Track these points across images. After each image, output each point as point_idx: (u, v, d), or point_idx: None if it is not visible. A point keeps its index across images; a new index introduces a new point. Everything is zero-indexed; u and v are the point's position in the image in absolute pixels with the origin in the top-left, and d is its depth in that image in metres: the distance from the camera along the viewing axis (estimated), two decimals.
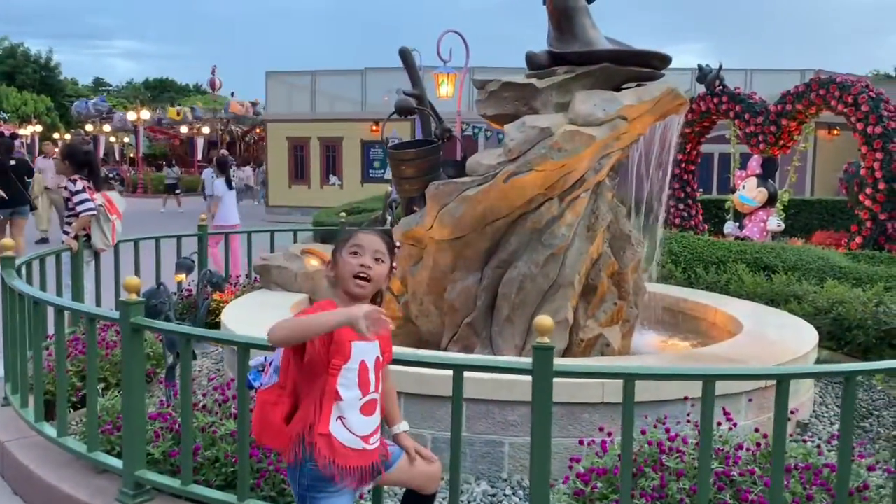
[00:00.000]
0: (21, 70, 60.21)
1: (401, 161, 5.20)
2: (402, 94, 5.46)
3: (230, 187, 10.36)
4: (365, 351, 2.31)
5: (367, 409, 2.33)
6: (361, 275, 2.32)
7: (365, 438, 2.32)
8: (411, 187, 5.32)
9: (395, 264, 2.55)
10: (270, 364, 2.41)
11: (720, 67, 11.57)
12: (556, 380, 2.56)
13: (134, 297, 3.10)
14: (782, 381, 2.57)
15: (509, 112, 5.13)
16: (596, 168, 4.87)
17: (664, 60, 5.12)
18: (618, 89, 4.99)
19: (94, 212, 6.14)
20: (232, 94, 42.73)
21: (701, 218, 12.27)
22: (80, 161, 6.38)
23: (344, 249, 2.38)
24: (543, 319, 2.57)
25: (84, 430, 3.69)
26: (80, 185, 6.15)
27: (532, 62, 5.29)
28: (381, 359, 2.38)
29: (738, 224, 11.06)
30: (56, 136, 53.01)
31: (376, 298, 2.46)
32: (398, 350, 2.63)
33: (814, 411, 4.85)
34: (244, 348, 2.83)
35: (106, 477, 3.43)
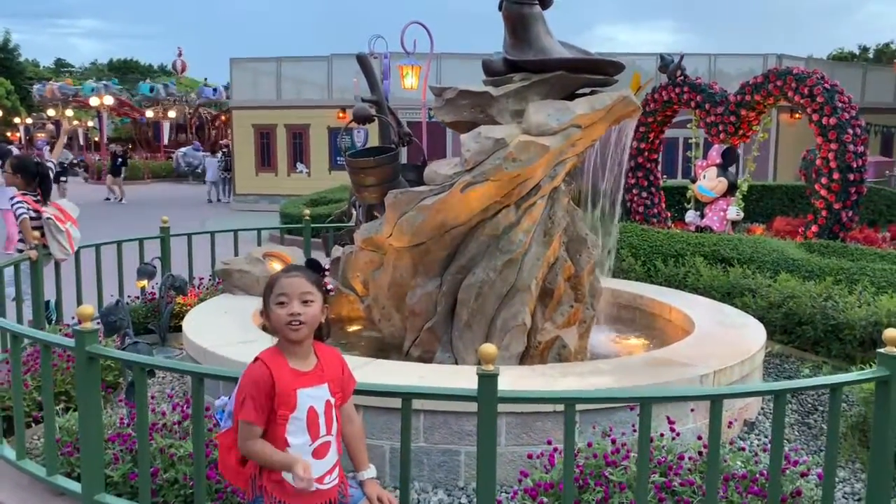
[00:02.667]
0: None
1: (360, 169, 5.24)
2: (361, 100, 5.49)
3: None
4: (313, 397, 2.38)
5: (319, 453, 2.40)
6: (293, 323, 2.36)
7: (318, 480, 2.39)
8: (371, 195, 5.37)
9: (332, 290, 2.60)
10: (227, 406, 2.48)
11: (681, 57, 11.70)
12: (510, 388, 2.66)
13: (88, 325, 3.13)
14: (715, 402, 2.69)
15: (466, 119, 5.19)
16: (551, 175, 4.96)
17: (617, 67, 5.20)
18: (573, 96, 5.08)
19: (27, 214, 6.20)
20: (205, 80, 42.10)
21: (664, 206, 12.44)
22: (31, 174, 6.39)
23: (271, 300, 2.39)
24: (487, 348, 2.67)
25: (43, 452, 3.72)
26: (11, 192, 6.28)
27: (488, 69, 5.35)
28: (331, 401, 2.44)
29: (699, 213, 11.25)
30: (17, 120, 51.90)
31: (324, 333, 2.52)
32: (359, 382, 2.70)
33: (762, 408, 5.03)
34: (198, 378, 2.89)
35: (66, 500, 3.48)
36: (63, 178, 21.27)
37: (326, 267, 2.32)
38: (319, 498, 2.41)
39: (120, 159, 25.44)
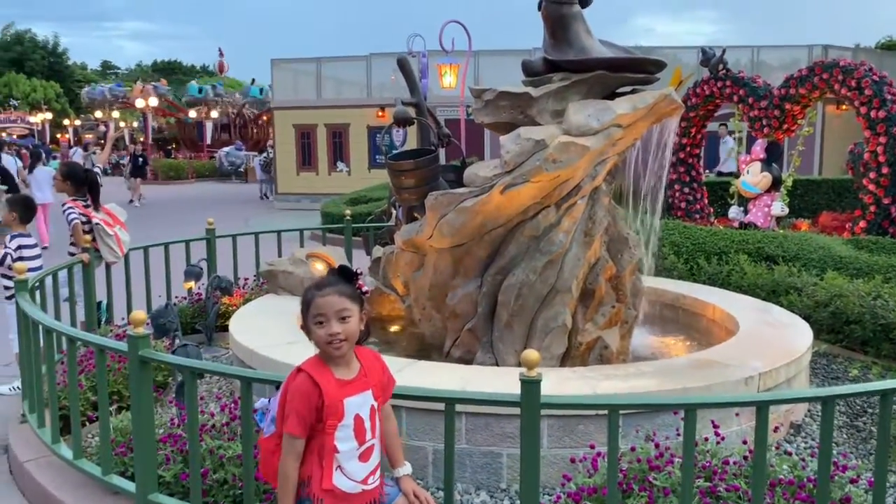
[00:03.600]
0: (29, 56, 60.43)
1: (400, 172, 5.29)
2: (400, 103, 5.53)
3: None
4: (358, 405, 2.43)
5: (364, 456, 2.47)
6: (333, 342, 2.40)
7: (363, 481, 2.46)
8: (411, 196, 5.42)
9: (367, 292, 2.61)
10: (269, 413, 2.54)
11: (724, 51, 11.51)
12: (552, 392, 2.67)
13: (141, 330, 3.23)
14: (762, 408, 2.67)
15: (506, 120, 5.19)
16: (592, 175, 4.94)
17: (659, 65, 5.15)
18: (614, 95, 5.05)
19: (78, 219, 6.32)
20: (252, 81, 42.67)
21: (706, 202, 12.28)
22: (79, 181, 6.55)
23: (309, 319, 2.43)
24: (530, 353, 2.68)
25: (100, 447, 3.84)
26: (67, 205, 6.40)
27: (528, 69, 5.35)
28: (375, 405, 2.49)
29: (742, 209, 11.08)
30: (66, 122, 53.37)
31: (361, 337, 2.54)
32: (402, 385, 2.74)
33: (809, 410, 4.95)
34: (247, 383, 2.97)
35: (121, 498, 3.59)
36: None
37: (359, 271, 2.33)
38: (364, 499, 2.48)
39: (141, 159, 24.95)
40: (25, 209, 5.98)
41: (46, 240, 13.74)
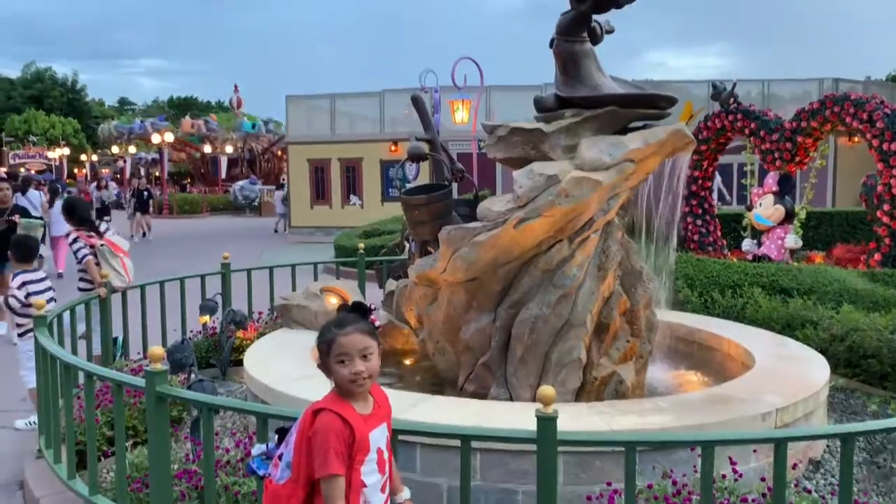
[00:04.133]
0: (49, 94, 61.56)
1: (413, 207, 5.34)
2: (414, 139, 5.60)
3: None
4: (378, 438, 2.45)
5: (384, 488, 2.50)
6: (357, 381, 2.40)
7: None
8: (424, 231, 5.46)
9: (379, 327, 2.59)
10: (280, 457, 2.52)
11: (734, 85, 11.59)
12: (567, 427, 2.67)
13: (158, 366, 3.26)
14: (780, 445, 2.65)
15: (518, 155, 5.25)
16: (605, 209, 4.97)
17: (670, 101, 5.20)
18: (625, 130, 5.09)
19: (90, 254, 6.48)
20: (245, 116, 43.19)
21: (719, 234, 12.26)
22: (81, 217, 6.79)
23: (330, 358, 2.41)
24: (546, 389, 2.68)
25: (114, 487, 3.85)
26: (72, 236, 6.58)
27: (540, 105, 5.41)
28: (388, 436, 2.52)
29: (756, 241, 11.05)
30: (83, 157, 54.15)
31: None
32: (413, 421, 2.75)
33: (828, 445, 4.88)
34: (263, 420, 2.97)
35: None
36: (106, 217, 19.57)
37: (372, 306, 2.32)
38: None
39: (146, 193, 24.12)
40: (21, 249, 6.06)
41: (63, 266, 14.48)
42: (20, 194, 15.07)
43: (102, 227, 6.84)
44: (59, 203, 15.16)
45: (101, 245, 6.55)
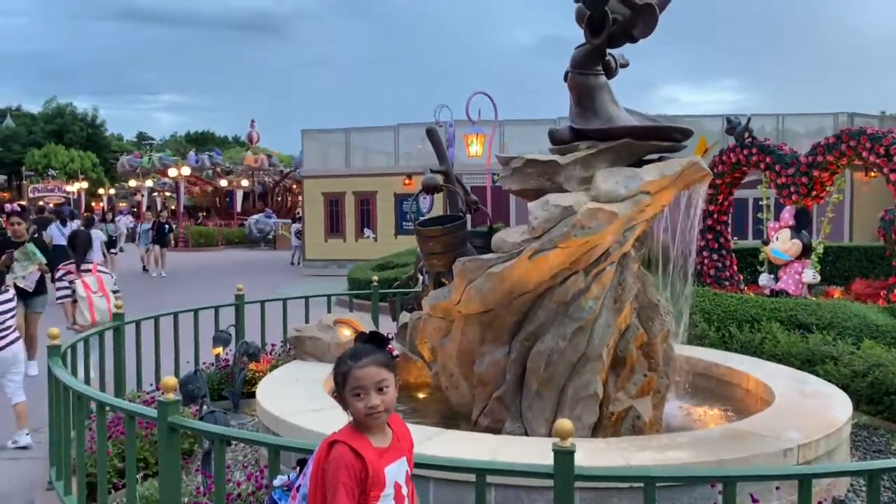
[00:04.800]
0: (69, 128, 62.51)
1: (428, 238, 5.32)
2: (429, 171, 5.62)
3: None
4: (395, 472, 2.38)
5: None
6: (373, 415, 2.34)
7: None
8: (438, 262, 5.44)
9: (398, 356, 2.53)
10: (298, 489, 2.47)
11: (749, 119, 11.58)
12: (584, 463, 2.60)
13: (171, 396, 3.23)
14: (804, 482, 2.57)
15: (533, 187, 5.24)
16: (621, 241, 4.93)
17: (685, 133, 5.20)
18: (640, 163, 5.08)
19: (67, 299, 6.84)
20: (270, 157, 43.74)
21: (735, 268, 12.14)
22: (77, 247, 7.22)
23: (346, 391, 2.36)
24: (563, 423, 2.63)
25: None
26: (60, 273, 6.97)
27: (554, 137, 5.42)
28: (408, 471, 2.45)
29: (773, 276, 10.94)
30: (101, 191, 54.82)
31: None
32: (430, 455, 2.69)
33: (852, 484, 4.76)
34: (274, 451, 2.93)
35: None
36: (113, 251, 19.40)
37: (389, 335, 2.28)
38: None
39: (167, 227, 22.59)
40: None
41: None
42: (60, 224, 16.79)
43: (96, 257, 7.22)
44: (94, 231, 16.56)
45: (75, 282, 6.81)
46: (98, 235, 17.03)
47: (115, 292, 6.87)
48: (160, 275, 21.25)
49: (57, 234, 16.20)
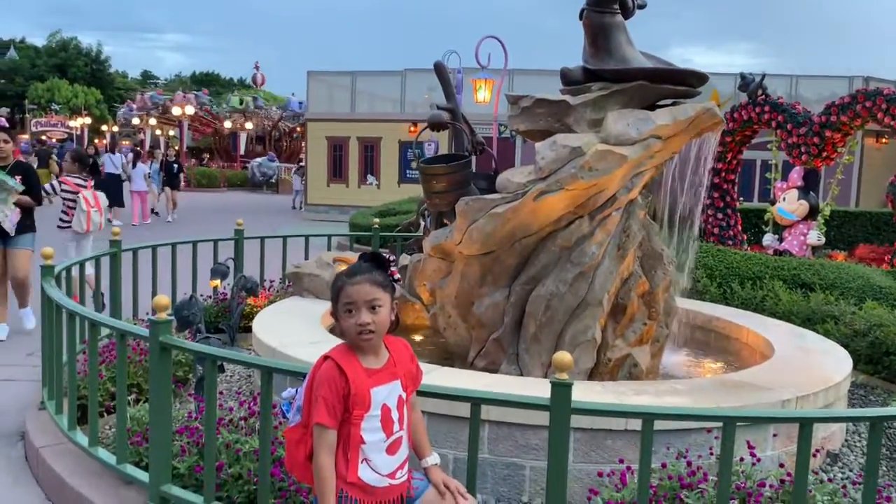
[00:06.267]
0: (73, 63, 61.74)
1: (431, 176, 5.22)
2: (436, 108, 5.47)
3: None
4: (386, 395, 2.33)
5: (392, 449, 2.36)
6: (363, 333, 2.30)
7: (391, 475, 2.36)
8: (441, 202, 5.34)
9: (399, 279, 2.48)
10: (295, 402, 2.44)
11: (763, 76, 11.34)
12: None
13: (163, 315, 3.17)
14: (805, 425, 2.52)
15: (542, 128, 5.11)
16: (628, 187, 4.83)
17: (701, 79, 5.05)
18: (653, 107, 4.94)
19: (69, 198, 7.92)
20: (293, 95, 43.14)
21: (740, 228, 12.04)
22: (84, 164, 8.31)
23: (339, 307, 2.33)
24: (562, 356, 2.57)
25: (115, 438, 3.78)
26: (61, 179, 8.15)
27: (566, 78, 5.27)
28: (403, 396, 2.39)
29: (777, 236, 10.85)
30: (104, 127, 54.38)
31: (391, 327, 2.44)
32: (424, 384, 2.63)
33: (845, 440, 4.75)
34: (267, 372, 2.88)
35: (134, 488, 3.52)
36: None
37: (391, 258, 2.21)
38: (392, 493, 2.37)
39: (176, 167, 21.06)
40: None
41: (136, 219, 18.52)
42: (109, 154, 19.16)
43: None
44: (140, 164, 19.27)
45: (79, 196, 7.83)
46: (142, 169, 19.05)
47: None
48: (173, 219, 19.95)
49: (108, 163, 18.16)
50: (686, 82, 5.00)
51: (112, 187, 16.74)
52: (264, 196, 33.15)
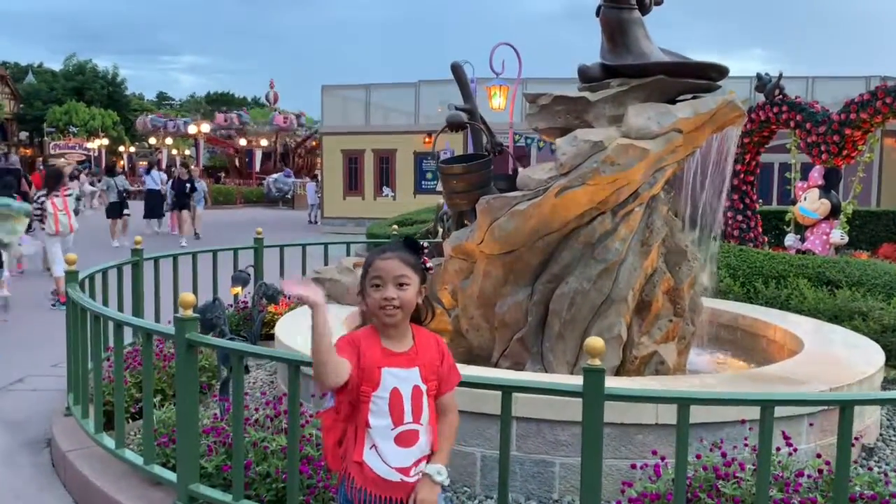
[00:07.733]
0: (90, 86, 62.48)
1: (451, 176, 5.20)
2: (454, 108, 5.47)
3: None
4: (399, 378, 2.27)
5: (402, 441, 2.27)
6: (387, 308, 2.26)
7: (403, 470, 2.26)
8: (462, 201, 5.32)
9: (430, 268, 2.45)
10: None
11: (780, 76, 11.25)
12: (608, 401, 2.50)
13: (189, 313, 3.16)
14: (846, 408, 2.46)
15: (561, 125, 5.09)
16: (650, 182, 4.78)
17: (721, 72, 5.00)
18: (673, 102, 4.90)
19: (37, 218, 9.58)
20: (276, 110, 43.52)
21: (760, 230, 11.91)
22: (59, 179, 10.00)
23: (367, 281, 2.31)
24: (594, 341, 2.52)
25: (141, 442, 3.77)
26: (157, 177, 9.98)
27: (585, 75, 5.24)
28: (422, 388, 2.31)
29: (799, 237, 10.72)
30: (121, 148, 54.96)
31: (423, 316, 2.41)
32: None
33: (880, 434, 4.65)
34: (294, 366, 2.86)
35: (161, 489, 3.50)
36: (126, 212, 17.58)
37: (425, 245, 2.18)
38: (399, 491, 2.27)
39: (188, 185, 18.94)
40: None
41: (175, 230, 18.99)
42: (147, 173, 20.38)
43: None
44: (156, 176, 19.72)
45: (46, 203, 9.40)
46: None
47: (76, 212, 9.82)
48: (187, 242, 17.02)
49: (149, 180, 19.60)
50: (706, 76, 4.97)
51: (152, 201, 19.29)
52: (280, 212, 33.28)
